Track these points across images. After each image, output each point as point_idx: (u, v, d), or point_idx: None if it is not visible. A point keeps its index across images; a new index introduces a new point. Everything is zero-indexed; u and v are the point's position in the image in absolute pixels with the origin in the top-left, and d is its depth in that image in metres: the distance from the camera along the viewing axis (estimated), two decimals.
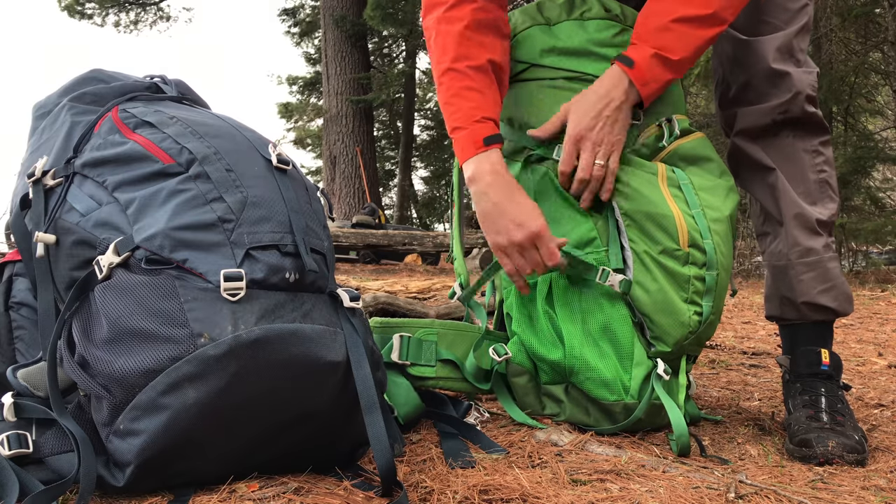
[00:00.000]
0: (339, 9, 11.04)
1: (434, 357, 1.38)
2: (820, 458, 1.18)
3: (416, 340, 1.38)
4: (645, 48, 1.29)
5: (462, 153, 1.33)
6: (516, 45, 1.43)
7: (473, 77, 1.32)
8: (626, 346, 1.30)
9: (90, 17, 13.89)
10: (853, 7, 6.59)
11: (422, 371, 1.37)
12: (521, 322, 1.38)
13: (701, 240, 1.30)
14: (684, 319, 1.29)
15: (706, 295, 1.31)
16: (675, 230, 1.29)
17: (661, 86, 1.31)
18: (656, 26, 1.28)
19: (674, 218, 1.29)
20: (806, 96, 1.41)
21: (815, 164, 1.42)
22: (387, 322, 1.40)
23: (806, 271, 1.38)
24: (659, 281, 1.29)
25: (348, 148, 11.01)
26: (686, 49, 1.28)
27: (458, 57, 1.32)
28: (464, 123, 1.31)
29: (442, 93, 1.36)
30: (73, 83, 1.22)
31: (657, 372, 1.28)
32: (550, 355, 1.32)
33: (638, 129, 1.37)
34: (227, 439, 0.91)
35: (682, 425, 1.22)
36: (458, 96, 1.32)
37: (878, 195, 7.87)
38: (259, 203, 0.97)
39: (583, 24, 1.40)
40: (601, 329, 1.31)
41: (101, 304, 0.89)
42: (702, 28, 1.27)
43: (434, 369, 1.38)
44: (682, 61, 1.29)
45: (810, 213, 1.40)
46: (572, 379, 1.31)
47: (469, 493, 0.94)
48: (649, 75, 1.29)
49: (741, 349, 2.53)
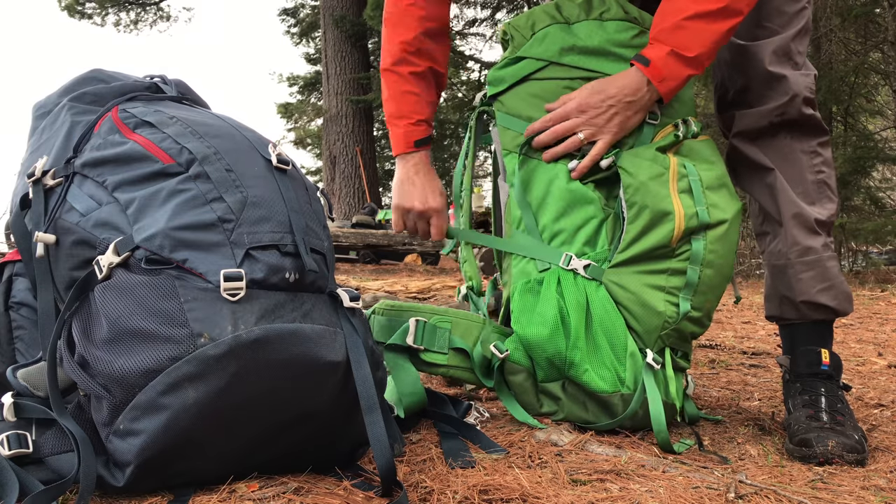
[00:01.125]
0: (339, 9, 11.04)
1: (447, 344, 1.37)
2: (820, 457, 1.18)
3: (431, 326, 1.37)
4: (661, 47, 1.32)
5: (396, 147, 1.56)
6: (536, 43, 1.45)
7: (413, 83, 1.53)
8: (620, 336, 1.31)
9: (90, 17, 13.89)
10: (853, 7, 6.58)
11: (434, 357, 1.36)
12: (522, 317, 1.37)
13: (694, 237, 1.32)
14: (660, 308, 1.31)
15: (685, 289, 1.32)
16: (672, 228, 1.31)
17: (680, 82, 1.34)
18: (671, 25, 1.31)
19: (673, 212, 1.31)
20: (803, 99, 1.41)
21: (813, 165, 1.43)
22: (399, 305, 1.39)
23: (805, 270, 1.39)
24: (635, 270, 1.32)
25: (348, 148, 11.01)
26: (702, 45, 1.30)
27: (401, 62, 1.52)
28: (400, 123, 1.54)
29: (384, 89, 1.56)
30: (73, 83, 1.22)
31: (646, 361, 1.30)
32: (549, 347, 1.32)
33: (655, 129, 1.40)
34: (227, 439, 0.91)
35: (661, 420, 1.24)
36: (398, 97, 1.53)
37: (878, 195, 7.86)
38: (259, 203, 0.97)
39: (602, 25, 1.42)
40: (598, 320, 1.32)
41: (100, 304, 0.89)
42: (716, 22, 1.29)
43: (446, 357, 1.36)
44: (698, 57, 1.31)
45: (809, 212, 1.40)
46: (570, 372, 1.32)
47: (469, 493, 0.94)
48: (666, 72, 1.32)
49: (741, 349, 2.53)
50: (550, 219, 1.39)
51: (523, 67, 1.45)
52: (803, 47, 1.45)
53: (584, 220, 1.37)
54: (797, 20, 1.43)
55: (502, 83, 1.46)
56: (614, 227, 1.37)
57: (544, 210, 1.40)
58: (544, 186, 1.40)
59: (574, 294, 1.33)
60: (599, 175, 1.38)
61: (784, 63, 1.42)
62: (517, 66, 1.46)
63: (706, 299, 1.34)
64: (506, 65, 1.47)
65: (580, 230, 1.37)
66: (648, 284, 1.32)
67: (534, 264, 1.39)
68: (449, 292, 3.18)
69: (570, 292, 1.34)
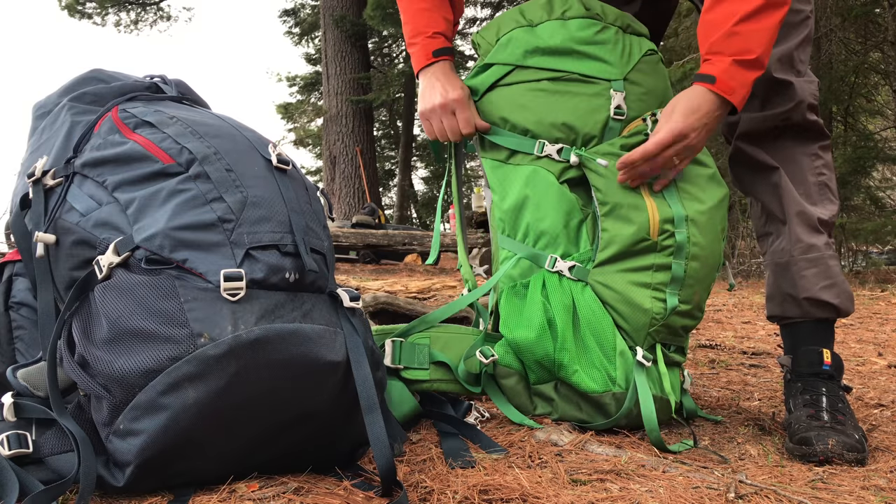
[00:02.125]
0: (339, 9, 11.03)
1: (427, 360, 1.38)
2: (819, 456, 1.19)
3: (409, 344, 1.38)
4: (721, 59, 1.29)
5: (417, 64, 1.53)
6: (500, 49, 1.46)
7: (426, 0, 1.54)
8: (608, 336, 1.32)
9: (90, 17, 13.88)
10: (853, 7, 6.58)
11: (415, 374, 1.37)
12: (509, 320, 1.37)
13: (673, 228, 1.32)
14: (646, 305, 1.31)
15: (672, 283, 1.32)
16: (646, 219, 1.31)
17: (749, 88, 1.32)
18: (722, 34, 1.29)
19: (644, 204, 1.32)
20: (808, 105, 1.43)
21: (815, 168, 1.45)
22: (381, 329, 1.41)
23: (808, 267, 1.40)
24: (618, 268, 1.32)
25: (348, 148, 11.01)
26: (759, 43, 1.28)
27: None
28: (417, 41, 1.52)
29: (402, 15, 1.58)
30: (73, 83, 1.22)
31: (637, 359, 1.30)
32: (538, 350, 1.32)
33: (623, 124, 1.40)
34: (227, 439, 0.91)
35: (653, 419, 1.25)
36: (413, 17, 1.54)
37: (878, 195, 7.86)
38: (259, 203, 0.97)
39: (564, 24, 1.42)
40: (584, 321, 1.32)
41: (100, 304, 0.89)
42: (765, 17, 1.27)
43: (427, 372, 1.38)
44: (760, 58, 1.29)
45: (812, 211, 1.42)
46: (560, 374, 1.32)
47: (469, 493, 0.94)
48: (734, 83, 1.29)
49: (741, 349, 2.53)
50: (530, 222, 1.40)
51: (491, 74, 1.46)
52: (805, 56, 1.46)
53: (565, 221, 1.38)
54: (800, 29, 1.44)
55: (476, 93, 1.48)
56: (594, 227, 1.38)
57: (524, 213, 1.41)
58: (523, 190, 1.40)
59: (559, 296, 1.34)
60: (572, 174, 1.39)
61: (788, 70, 1.43)
62: (485, 73, 1.47)
63: (694, 292, 1.34)
64: (475, 74, 1.49)
65: (562, 231, 1.38)
66: (633, 282, 1.32)
67: (519, 268, 1.39)
68: (449, 292, 3.18)
69: (555, 295, 1.34)
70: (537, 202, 1.39)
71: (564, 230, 1.37)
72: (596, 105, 1.39)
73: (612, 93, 1.39)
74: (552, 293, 1.34)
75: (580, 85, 1.40)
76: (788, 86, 1.42)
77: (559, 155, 1.39)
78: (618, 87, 1.39)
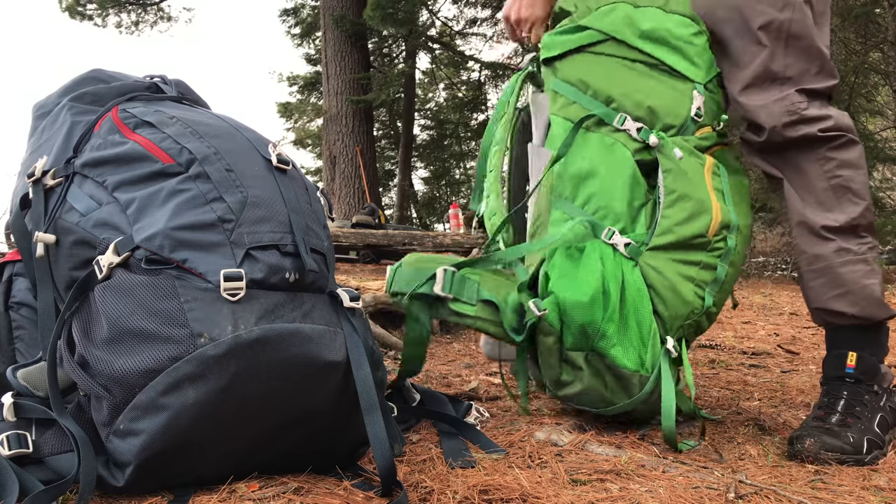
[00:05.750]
0: (339, 9, 11.02)
1: (476, 296, 1.33)
2: (798, 455, 1.21)
3: (461, 276, 1.34)
4: None
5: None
6: (600, 16, 1.47)
7: None
8: (647, 319, 1.31)
9: (91, 19, 13.87)
10: (853, 7, 6.58)
11: (463, 308, 1.33)
12: (562, 280, 1.34)
13: (727, 233, 1.36)
14: (689, 299, 1.33)
15: (713, 284, 1.35)
16: (709, 220, 1.34)
17: None
18: None
19: (710, 204, 1.35)
20: (783, 124, 1.38)
21: (825, 171, 1.38)
22: (426, 258, 1.38)
23: (815, 278, 1.38)
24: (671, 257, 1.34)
25: (348, 148, 11.00)
26: None
27: None
28: None
29: None
30: (73, 83, 1.22)
31: (666, 347, 1.31)
32: (586, 315, 1.30)
33: (697, 126, 1.44)
34: (227, 439, 0.91)
35: (671, 412, 1.25)
36: None
37: (878, 195, 7.86)
38: (259, 203, 0.97)
39: (667, 15, 1.45)
40: (630, 299, 1.32)
41: (101, 304, 0.89)
42: None
43: (475, 308, 1.33)
44: None
45: (814, 219, 1.37)
46: (600, 344, 1.30)
47: (469, 493, 0.94)
48: None
49: (741, 349, 2.53)
50: (595, 192, 1.39)
51: (583, 37, 1.46)
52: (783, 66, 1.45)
53: (630, 199, 1.38)
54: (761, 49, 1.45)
55: (557, 48, 1.48)
56: (652, 212, 1.39)
57: (592, 181, 1.40)
58: (596, 158, 1.40)
59: (613, 269, 1.33)
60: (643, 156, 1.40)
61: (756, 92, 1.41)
62: (578, 34, 1.47)
63: (724, 297, 1.38)
64: (565, 31, 1.49)
65: (625, 208, 1.38)
66: (681, 274, 1.34)
67: (574, 232, 1.37)
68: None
69: (609, 266, 1.33)
70: (609, 175, 1.39)
71: (628, 208, 1.38)
72: (681, 100, 1.42)
73: (695, 94, 1.43)
74: (608, 263, 1.34)
75: (669, 77, 1.43)
76: (757, 111, 1.39)
77: (637, 133, 1.40)
78: (700, 91, 1.43)
